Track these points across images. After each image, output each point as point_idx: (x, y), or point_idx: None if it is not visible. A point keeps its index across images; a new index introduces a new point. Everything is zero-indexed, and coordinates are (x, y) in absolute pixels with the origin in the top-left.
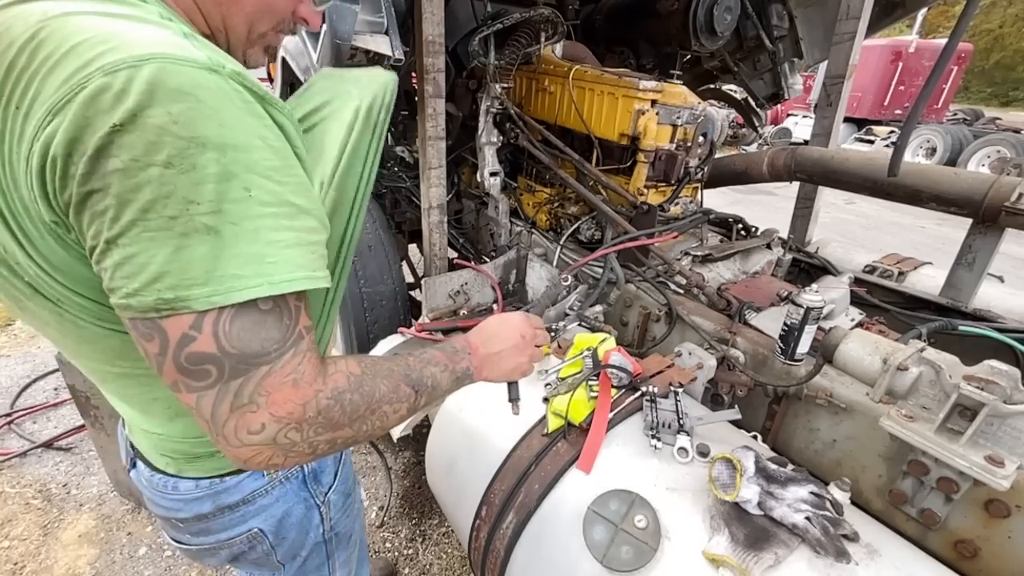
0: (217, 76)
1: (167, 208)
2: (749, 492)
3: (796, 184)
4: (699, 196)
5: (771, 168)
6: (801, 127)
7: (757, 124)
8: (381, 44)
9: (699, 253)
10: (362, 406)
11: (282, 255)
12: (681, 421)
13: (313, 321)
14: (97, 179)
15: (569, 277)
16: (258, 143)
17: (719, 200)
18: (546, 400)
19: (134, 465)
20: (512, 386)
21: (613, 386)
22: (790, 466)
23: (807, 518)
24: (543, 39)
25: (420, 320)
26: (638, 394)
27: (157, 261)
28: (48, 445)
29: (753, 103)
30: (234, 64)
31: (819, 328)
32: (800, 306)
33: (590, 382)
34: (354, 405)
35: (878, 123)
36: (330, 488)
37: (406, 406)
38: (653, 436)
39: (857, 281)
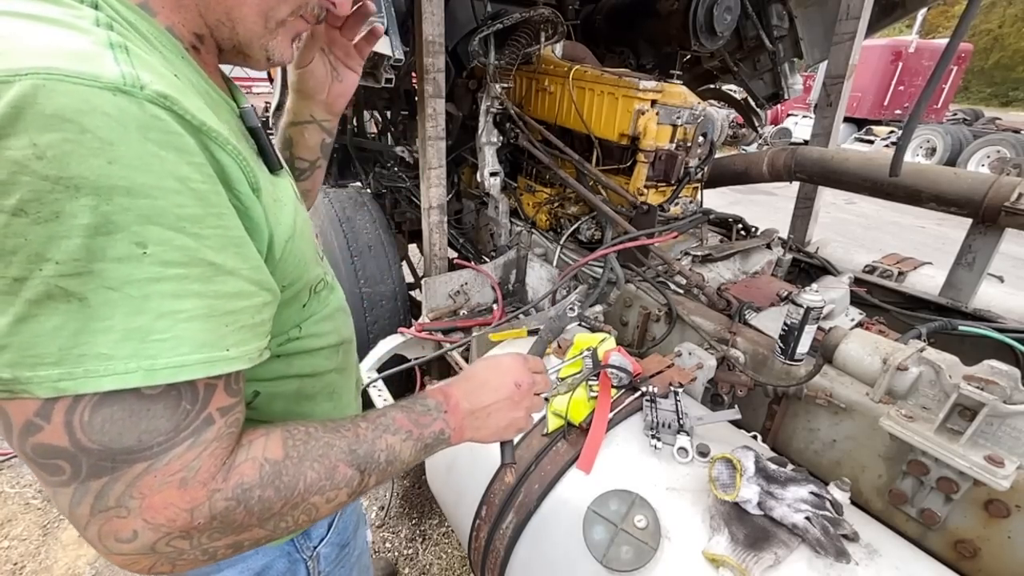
0: (125, 98)
1: (11, 268)
2: (749, 492)
3: (796, 184)
4: (699, 196)
5: (771, 168)
6: (801, 127)
7: (757, 124)
8: (381, 44)
9: (699, 253)
10: (277, 502)
11: (178, 330)
12: (681, 421)
13: (240, 397)
14: None
15: (575, 308)
16: (172, 185)
17: (719, 200)
18: (546, 400)
19: None
20: (506, 446)
21: (613, 386)
22: (790, 466)
23: (807, 518)
24: (543, 39)
25: (420, 320)
26: (638, 394)
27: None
28: None
29: (753, 103)
30: (163, 81)
31: (819, 328)
32: (800, 306)
33: (590, 382)
34: (266, 503)
35: (878, 123)
36: (321, 541)
37: (346, 491)
38: (653, 436)
39: (857, 281)
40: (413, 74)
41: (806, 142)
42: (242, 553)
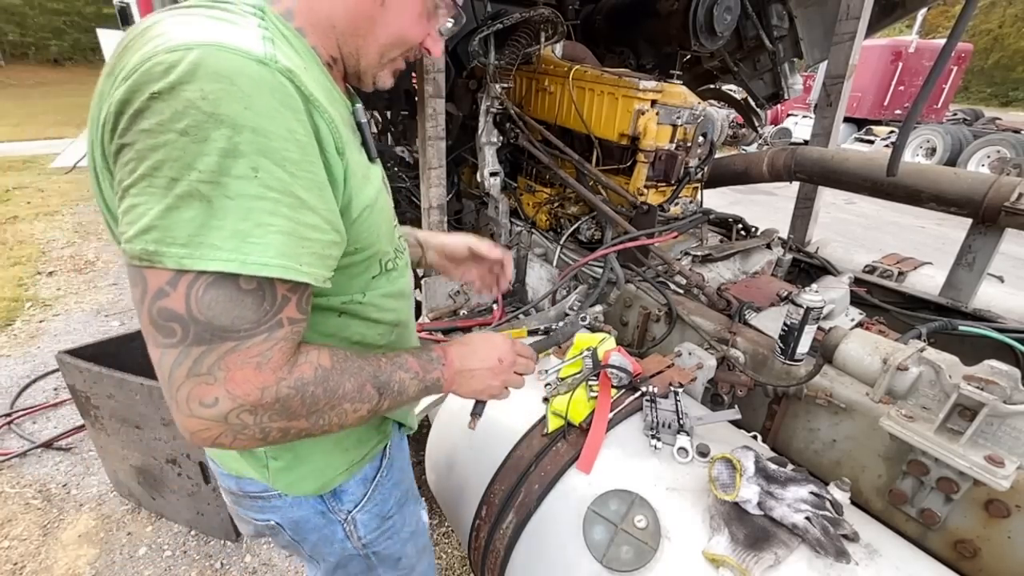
0: (264, 68)
1: (171, 170)
2: (749, 492)
3: (796, 184)
4: (699, 196)
5: (771, 168)
6: (801, 127)
7: (757, 124)
8: None
9: (699, 253)
10: (322, 400)
11: (268, 239)
12: (681, 421)
13: (306, 316)
14: (131, 135)
15: (586, 317)
16: (283, 133)
17: (719, 200)
18: (546, 400)
19: None
20: (478, 403)
21: (613, 386)
22: (790, 466)
23: (807, 518)
24: (543, 39)
25: (420, 320)
26: (638, 394)
27: (151, 215)
28: (48, 445)
29: (753, 103)
30: (292, 65)
31: (819, 328)
32: (800, 306)
33: (590, 382)
34: (315, 398)
35: (878, 123)
36: (356, 507)
37: (367, 407)
38: (653, 436)
39: (857, 281)
40: (413, 74)
41: (806, 142)
42: (288, 441)
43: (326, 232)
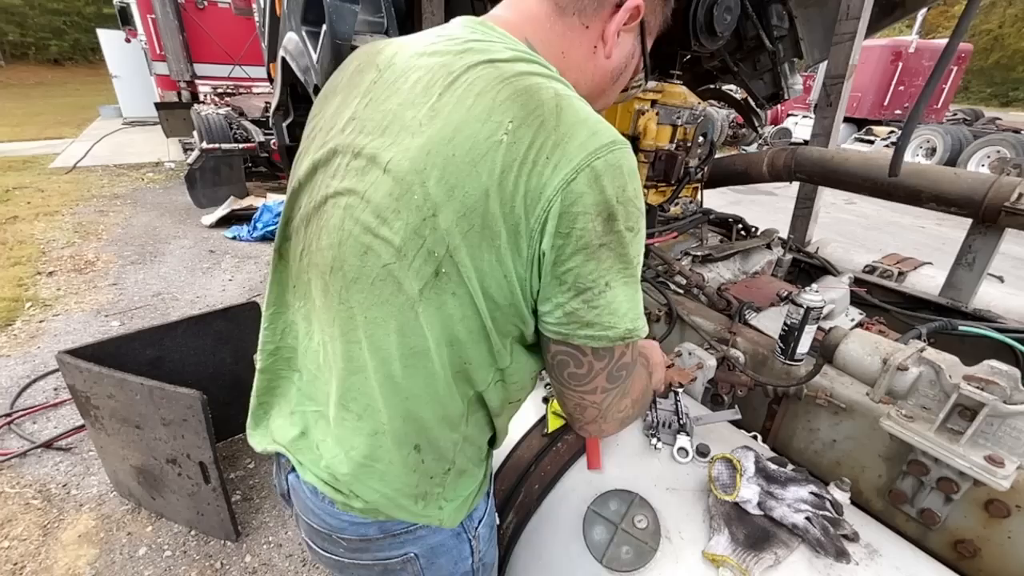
0: (632, 156)
1: (633, 261)
2: (749, 492)
3: (796, 184)
4: (699, 196)
5: (771, 168)
6: (801, 127)
7: (757, 124)
8: None
9: (699, 253)
10: (648, 396)
11: (640, 310)
12: (681, 421)
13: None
14: (608, 236)
15: None
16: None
17: (719, 200)
18: (546, 400)
19: (292, 470)
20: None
21: None
22: (790, 466)
23: (807, 518)
24: None
25: None
26: None
27: (628, 302)
28: (48, 445)
29: (753, 103)
30: None
31: (819, 328)
32: (800, 306)
33: None
34: (647, 394)
35: (878, 123)
36: (480, 522)
37: (645, 401)
38: (653, 436)
39: (857, 281)
40: None
41: (806, 142)
42: (485, 446)
43: None
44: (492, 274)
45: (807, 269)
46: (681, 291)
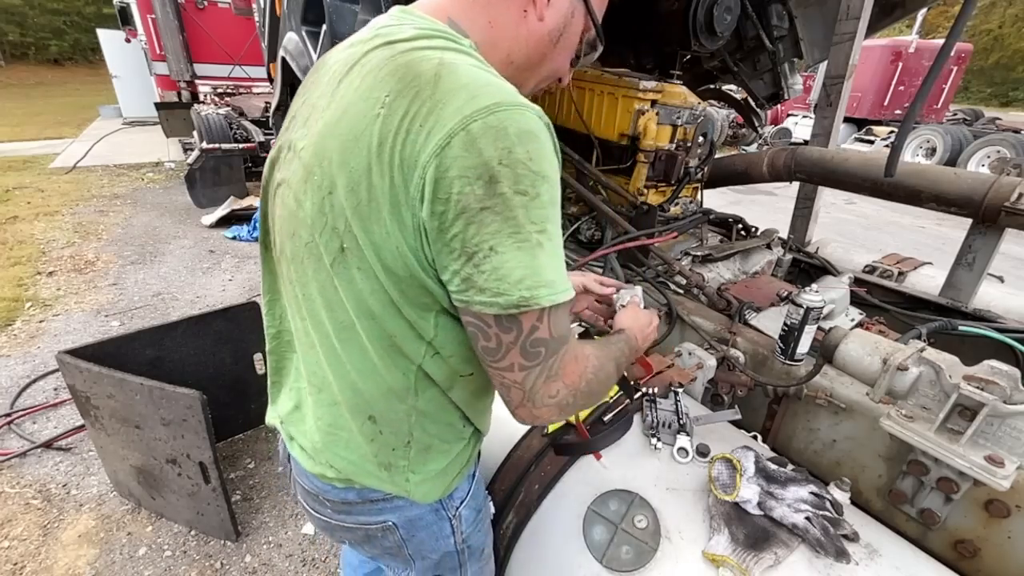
0: (543, 122)
1: (529, 226)
2: (749, 492)
3: (796, 184)
4: (699, 196)
5: (771, 168)
6: (801, 127)
7: (757, 124)
8: None
9: (699, 253)
10: (604, 381)
11: (563, 271)
12: (681, 421)
13: None
14: (490, 200)
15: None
16: (556, 179)
17: (719, 200)
18: None
19: (292, 438)
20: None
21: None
22: (790, 466)
23: (807, 518)
24: None
25: None
26: (638, 394)
27: (522, 266)
28: (48, 445)
29: (753, 103)
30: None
31: (819, 328)
32: (800, 306)
33: None
34: (600, 379)
35: (878, 123)
36: (462, 503)
37: (612, 381)
38: (653, 436)
39: (857, 281)
40: None
41: (806, 142)
42: (465, 428)
43: None
44: (386, 246)
45: (807, 269)
46: (681, 291)
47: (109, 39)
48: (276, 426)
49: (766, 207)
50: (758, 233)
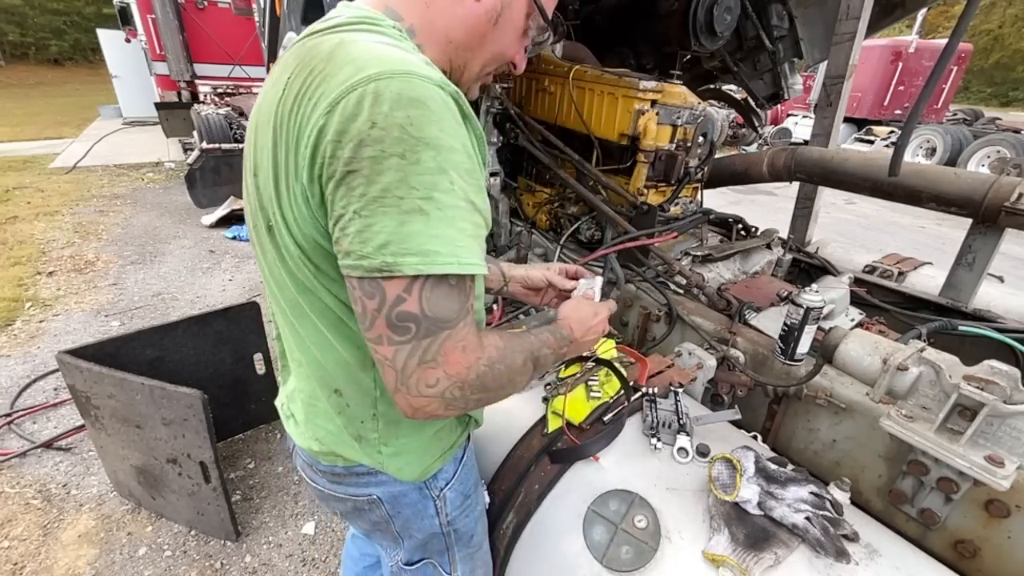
0: (442, 91)
1: (397, 190)
2: (749, 492)
3: (796, 184)
4: (699, 196)
5: (771, 168)
6: (801, 127)
7: (757, 124)
8: None
9: (699, 253)
10: (505, 375)
11: (463, 242)
12: (681, 421)
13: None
14: (356, 163)
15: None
16: (460, 147)
17: (719, 200)
18: (546, 400)
19: (290, 414)
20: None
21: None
22: (790, 466)
23: (807, 518)
24: None
25: None
26: (638, 394)
27: (386, 231)
28: (48, 445)
29: (753, 103)
30: (454, 86)
31: (819, 328)
32: (800, 306)
33: (590, 382)
34: (500, 374)
35: (878, 123)
36: (447, 484)
37: (527, 378)
38: (653, 436)
39: (857, 281)
40: None
41: (806, 142)
42: (479, 407)
43: (484, 229)
44: (294, 220)
45: (807, 269)
46: (681, 291)
47: (109, 39)
48: (279, 407)
49: (766, 207)
50: (758, 233)
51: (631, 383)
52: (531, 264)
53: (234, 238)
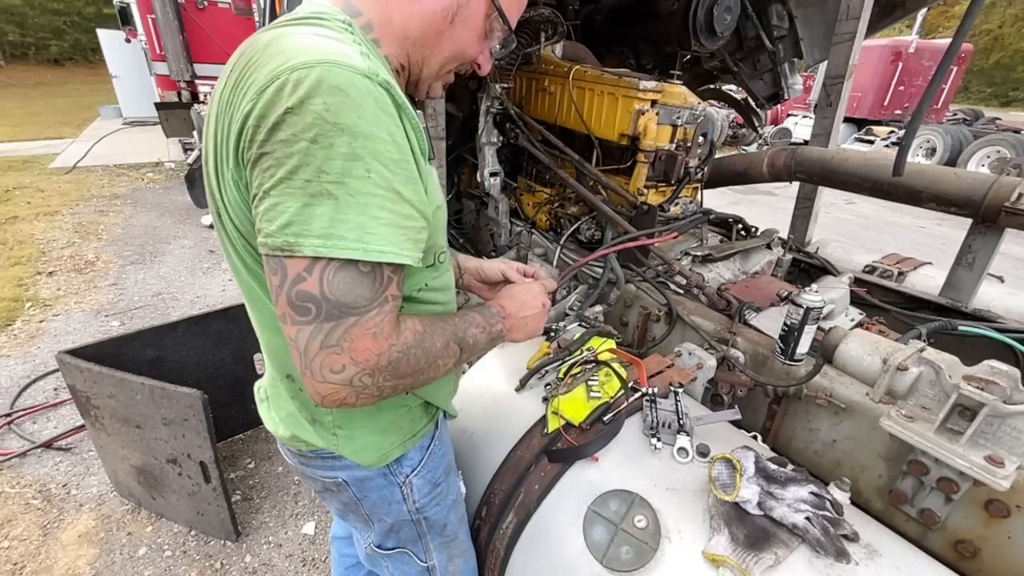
0: (368, 81)
1: (306, 173)
2: (749, 492)
3: (796, 184)
4: (699, 196)
5: (771, 168)
6: (801, 127)
7: (757, 124)
8: None
9: (699, 253)
10: (422, 360)
11: (378, 230)
12: (681, 421)
13: (403, 293)
14: (270, 145)
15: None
16: (385, 137)
17: (719, 200)
18: (546, 400)
19: (265, 398)
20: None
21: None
22: (790, 466)
23: (807, 518)
24: (543, 39)
25: None
26: (638, 394)
27: (290, 212)
28: (48, 445)
29: (753, 103)
30: (389, 77)
31: (819, 328)
32: (800, 306)
33: (590, 382)
34: (416, 359)
35: (878, 123)
36: (413, 471)
37: (452, 360)
38: (653, 436)
39: (857, 281)
40: None
41: (806, 142)
42: (398, 395)
43: (417, 220)
44: (233, 205)
45: (807, 269)
46: (681, 291)
47: (109, 39)
48: (256, 390)
49: (766, 207)
50: (758, 233)
51: (631, 383)
52: (488, 259)
53: None
